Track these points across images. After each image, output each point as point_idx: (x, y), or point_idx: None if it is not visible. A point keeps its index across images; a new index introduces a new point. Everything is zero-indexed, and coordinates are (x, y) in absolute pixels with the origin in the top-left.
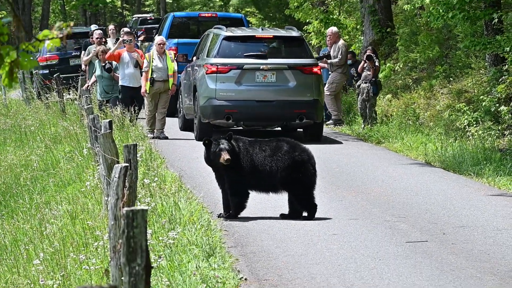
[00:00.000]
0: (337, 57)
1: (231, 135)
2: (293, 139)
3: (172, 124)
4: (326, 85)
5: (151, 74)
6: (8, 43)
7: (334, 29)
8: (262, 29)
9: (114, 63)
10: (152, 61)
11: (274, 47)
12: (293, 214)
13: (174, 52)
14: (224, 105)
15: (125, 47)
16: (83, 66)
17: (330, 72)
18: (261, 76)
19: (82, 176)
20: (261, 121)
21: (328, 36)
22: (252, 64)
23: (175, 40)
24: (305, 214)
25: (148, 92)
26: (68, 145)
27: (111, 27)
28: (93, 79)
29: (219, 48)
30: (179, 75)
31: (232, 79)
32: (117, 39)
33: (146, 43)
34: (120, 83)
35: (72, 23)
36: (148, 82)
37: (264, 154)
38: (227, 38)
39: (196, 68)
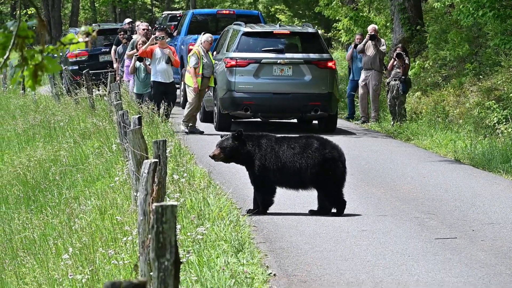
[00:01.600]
0: (381, 46)
1: (241, 132)
2: (322, 135)
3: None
4: (374, 87)
5: (202, 70)
6: (32, 45)
7: (375, 26)
8: (280, 26)
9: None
10: (202, 58)
11: (290, 43)
12: (322, 210)
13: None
14: (243, 97)
15: (157, 43)
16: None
17: (362, 65)
18: (278, 70)
19: (111, 171)
20: (278, 112)
21: (376, 32)
22: (269, 59)
23: (194, 36)
24: (334, 210)
25: (200, 87)
26: (97, 140)
27: (139, 24)
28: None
29: (238, 43)
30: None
31: (251, 72)
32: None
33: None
34: (152, 78)
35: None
36: (199, 78)
37: (293, 151)
38: (246, 34)
39: (216, 62)
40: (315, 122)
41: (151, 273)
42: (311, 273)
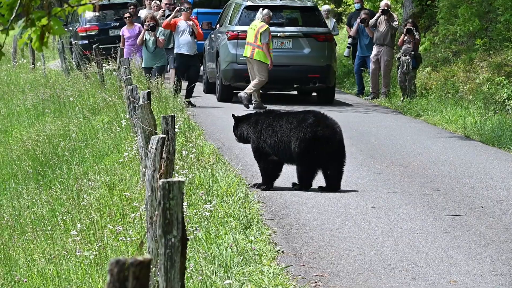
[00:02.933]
0: (394, 22)
1: (233, 116)
2: (323, 112)
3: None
4: (385, 62)
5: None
6: (40, 8)
7: (388, 2)
8: (280, 0)
9: (161, 28)
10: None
11: (290, 16)
12: (331, 187)
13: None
14: (244, 69)
15: (181, 15)
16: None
17: (371, 38)
18: (278, 43)
19: (120, 147)
20: (278, 84)
21: (389, 8)
22: (271, 32)
23: (195, 10)
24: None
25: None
26: (106, 116)
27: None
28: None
29: (240, 16)
30: (202, 42)
31: None
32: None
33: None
34: (176, 50)
35: None
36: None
37: (290, 126)
38: (248, 8)
39: (219, 35)
40: (314, 94)
41: (158, 250)
42: (319, 250)
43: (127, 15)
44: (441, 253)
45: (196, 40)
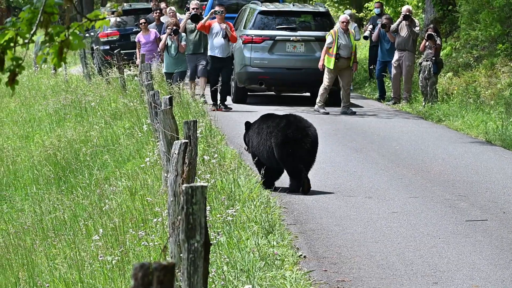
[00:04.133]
0: (415, 27)
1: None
2: (300, 115)
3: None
4: (407, 68)
5: (337, 51)
6: (59, 22)
7: (409, 7)
8: (293, 5)
9: (183, 34)
10: (338, 38)
11: (303, 21)
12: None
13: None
14: (258, 72)
15: (215, 18)
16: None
17: (392, 42)
18: (291, 47)
19: (141, 152)
20: (290, 86)
21: (411, 13)
22: (283, 36)
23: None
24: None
25: (331, 67)
26: (128, 121)
27: (168, 8)
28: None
29: (254, 21)
30: None
31: (266, 48)
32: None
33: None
34: (209, 53)
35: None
36: (333, 58)
37: (268, 130)
38: (262, 12)
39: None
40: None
41: (181, 255)
42: (341, 255)
43: (142, 21)
44: (463, 258)
45: (229, 43)
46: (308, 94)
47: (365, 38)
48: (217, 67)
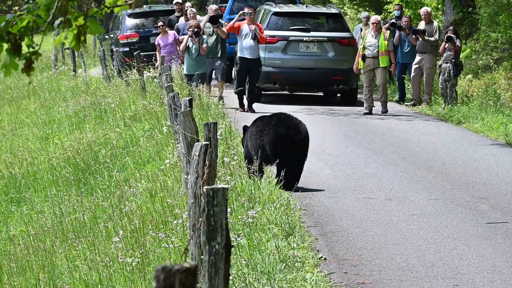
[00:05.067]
0: (433, 36)
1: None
2: (290, 114)
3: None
4: (428, 70)
5: (363, 51)
6: (77, 8)
7: (428, 9)
8: (306, 6)
9: (204, 36)
10: (366, 38)
11: (316, 22)
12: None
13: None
14: (272, 72)
15: (245, 19)
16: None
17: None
18: (304, 47)
19: (161, 154)
20: (303, 86)
21: (423, 16)
22: (296, 36)
23: (231, 16)
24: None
25: (361, 68)
26: (147, 123)
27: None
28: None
29: (268, 22)
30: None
31: (279, 49)
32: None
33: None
34: (238, 54)
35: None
36: (360, 59)
37: (258, 129)
38: (276, 14)
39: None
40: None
41: (202, 257)
42: (361, 257)
43: (160, 24)
44: (484, 261)
45: (259, 44)
46: (321, 93)
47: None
48: (246, 68)
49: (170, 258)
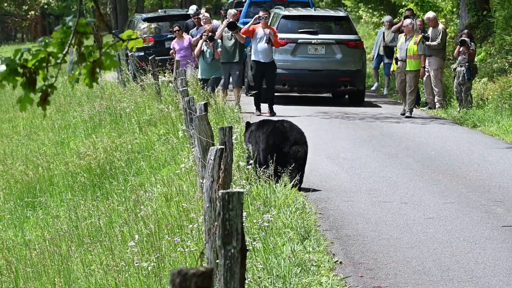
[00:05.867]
0: (435, 40)
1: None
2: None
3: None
4: (433, 72)
5: (396, 53)
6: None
7: (431, 14)
8: (315, 9)
9: (219, 41)
10: (399, 41)
11: (324, 25)
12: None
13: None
14: (281, 73)
15: (260, 22)
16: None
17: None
18: (312, 49)
19: (176, 158)
20: (312, 87)
21: (427, 22)
22: (305, 39)
23: (246, 20)
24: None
25: (394, 70)
26: (163, 127)
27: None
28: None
29: (278, 24)
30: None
31: (288, 51)
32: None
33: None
34: (253, 58)
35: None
36: (394, 61)
37: (260, 132)
38: (285, 17)
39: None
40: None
41: (217, 261)
42: (377, 261)
43: (176, 28)
44: (500, 264)
45: (273, 48)
46: (329, 94)
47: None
48: (260, 72)
49: (185, 262)
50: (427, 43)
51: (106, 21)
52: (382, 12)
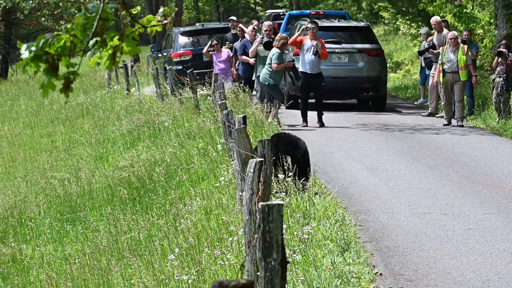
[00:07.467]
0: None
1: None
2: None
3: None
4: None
5: (442, 66)
6: (113, 28)
7: (438, 18)
8: (338, 21)
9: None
10: (444, 54)
11: (347, 35)
12: None
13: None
14: None
15: (307, 34)
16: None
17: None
18: (336, 58)
19: (216, 171)
20: (336, 94)
21: (433, 26)
22: (329, 48)
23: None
24: None
25: (441, 82)
26: (201, 140)
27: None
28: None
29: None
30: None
31: None
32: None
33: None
34: (300, 69)
35: (173, 13)
36: (441, 74)
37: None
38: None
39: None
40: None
41: (258, 273)
42: (417, 272)
43: (214, 42)
44: None
45: (320, 59)
46: (355, 100)
47: (420, 53)
48: (307, 83)
49: (225, 275)
50: (435, 52)
51: (128, 9)
52: (420, 23)
